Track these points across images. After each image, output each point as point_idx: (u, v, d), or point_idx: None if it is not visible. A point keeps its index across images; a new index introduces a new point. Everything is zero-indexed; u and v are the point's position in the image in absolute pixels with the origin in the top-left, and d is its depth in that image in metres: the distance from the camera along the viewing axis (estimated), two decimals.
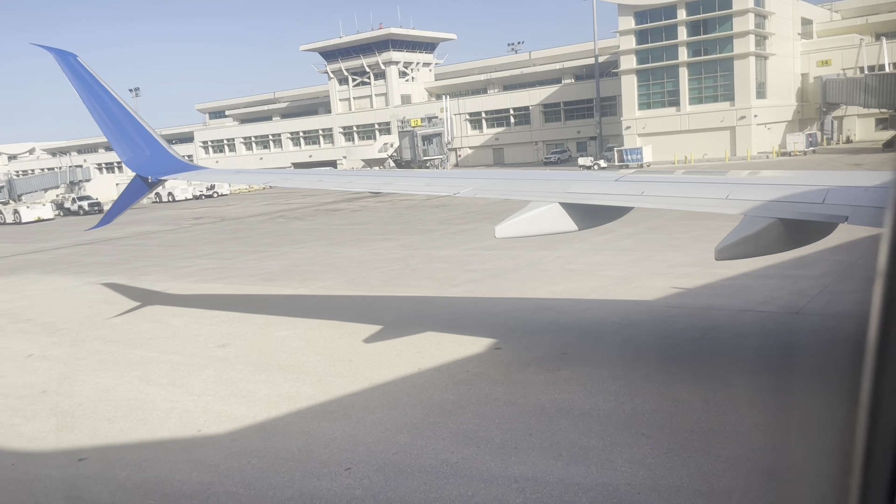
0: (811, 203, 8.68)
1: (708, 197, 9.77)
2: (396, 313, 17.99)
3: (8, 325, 20.84)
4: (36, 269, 33.29)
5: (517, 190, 11.97)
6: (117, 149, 15.37)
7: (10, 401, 13.55)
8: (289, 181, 18.86)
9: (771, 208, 8.88)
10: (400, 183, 15.41)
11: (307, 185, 16.65)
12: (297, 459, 9.77)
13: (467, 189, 11.79)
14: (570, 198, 10.27)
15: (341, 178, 18.04)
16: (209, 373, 14.25)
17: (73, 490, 9.49)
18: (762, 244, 9.05)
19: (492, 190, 12.33)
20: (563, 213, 10.04)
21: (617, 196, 10.40)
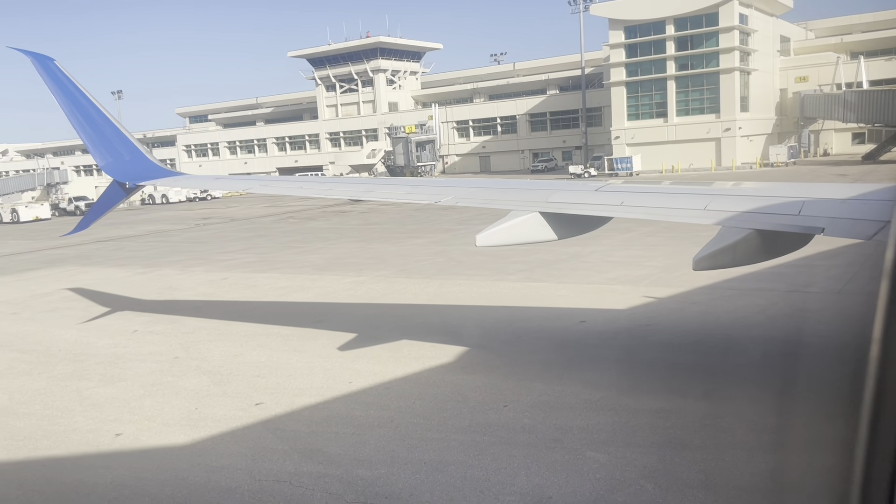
0: (787, 214, 8.73)
1: (686, 208, 9.83)
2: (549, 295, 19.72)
3: (90, 307, 22.09)
4: (72, 262, 34.20)
5: (498, 199, 11.82)
6: (95, 154, 15.06)
7: (149, 364, 14.99)
8: (269, 188, 18.43)
9: (748, 219, 8.95)
10: (381, 191, 15.12)
11: (287, 192, 16.52)
12: (456, 400, 11.50)
13: (448, 198, 11.77)
14: (550, 207, 10.31)
15: (322, 184, 17.83)
16: (323, 341, 15.84)
17: (271, 424, 11.09)
18: (740, 254, 9.20)
19: (473, 199, 12.15)
20: (543, 223, 10.07)
21: (597, 206, 10.45)
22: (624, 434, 9.82)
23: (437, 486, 8.63)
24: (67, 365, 15.45)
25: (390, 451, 9.81)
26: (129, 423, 11.62)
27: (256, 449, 10.24)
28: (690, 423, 10.08)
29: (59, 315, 21.26)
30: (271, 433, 10.84)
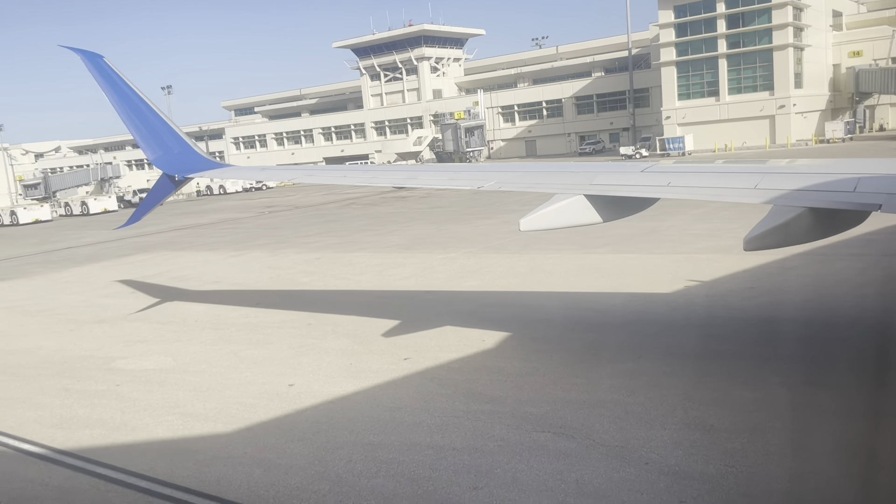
0: (842, 191, 8.47)
1: (735, 187, 9.56)
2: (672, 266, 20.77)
3: (203, 285, 23.72)
4: (161, 248, 36.08)
5: (542, 183, 11.66)
6: (145, 148, 15.33)
7: (286, 330, 16.40)
8: (313, 177, 18.34)
9: (800, 197, 8.70)
10: (423, 178, 15.03)
11: (332, 181, 16.56)
12: (589, 353, 12.61)
13: (491, 183, 11.66)
14: (594, 190, 10.13)
15: (365, 173, 17.98)
16: (439, 308, 17.07)
17: (427, 374, 12.34)
18: (792, 234, 8.99)
19: (516, 183, 11.98)
20: (587, 206, 9.89)
21: (643, 187, 10.17)
22: (765, 374, 10.83)
23: (603, 419, 9.74)
24: (210, 332, 16.95)
25: (547, 393, 10.96)
26: (296, 376, 12.97)
27: (423, 393, 11.50)
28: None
29: (179, 292, 22.90)
30: (430, 381, 12.09)
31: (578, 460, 8.59)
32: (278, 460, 9.45)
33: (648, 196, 10.10)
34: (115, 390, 13.16)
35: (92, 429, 11.26)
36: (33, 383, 14.13)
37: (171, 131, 15.25)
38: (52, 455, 10.38)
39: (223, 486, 8.84)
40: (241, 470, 9.25)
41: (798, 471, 8.00)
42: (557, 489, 7.92)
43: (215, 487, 8.82)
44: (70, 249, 39.52)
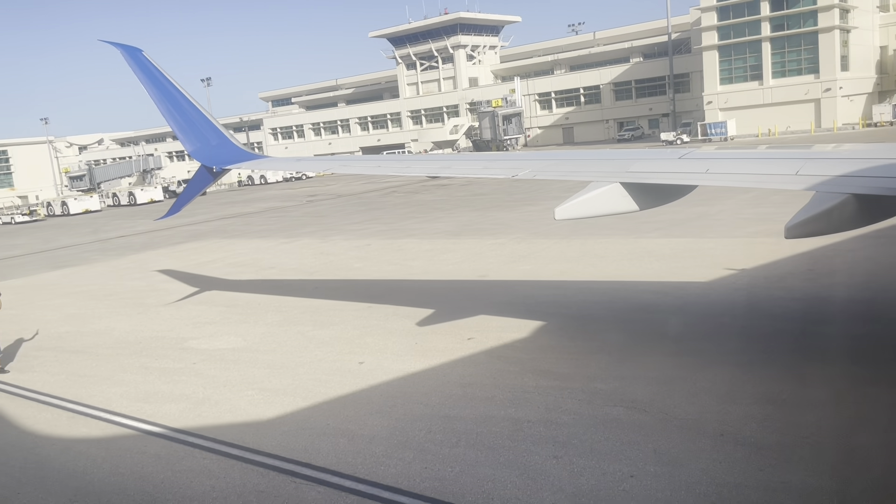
0: (888, 177, 8.17)
1: (776, 173, 9.27)
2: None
3: (260, 271, 24.41)
4: (212, 236, 37.00)
5: (577, 171, 11.54)
6: (183, 140, 15.43)
7: (348, 312, 16.90)
8: (348, 168, 18.81)
9: (844, 183, 8.41)
10: (457, 167, 15.02)
11: (366, 171, 17.09)
12: (656, 333, 12.83)
13: (526, 171, 11.42)
14: (631, 177, 9.91)
15: (399, 162, 18.11)
16: (495, 290, 17.41)
17: (493, 353, 12.72)
18: (835, 221, 8.83)
19: (551, 171, 11.86)
20: (623, 193, 9.72)
21: (681, 174, 9.98)
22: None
23: (673, 395, 9.99)
24: (275, 315, 17.54)
25: (614, 370, 11.24)
26: (364, 355, 13.44)
27: (491, 370, 11.86)
28: None
29: (238, 277, 23.61)
30: (496, 359, 12.45)
31: (653, 432, 8.87)
32: (360, 431, 9.91)
33: (686, 183, 9.92)
34: (193, 368, 13.79)
35: (177, 403, 11.87)
36: (113, 362, 14.84)
37: (209, 123, 15.37)
38: (142, 426, 11.00)
39: (311, 454, 9.32)
40: (326, 440, 9.73)
41: (874, 442, 8.18)
42: (635, 458, 8.22)
43: (303, 455, 9.30)
44: (124, 238, 40.74)
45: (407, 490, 8.10)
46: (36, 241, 45.26)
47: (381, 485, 8.29)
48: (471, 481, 8.11)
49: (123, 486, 8.98)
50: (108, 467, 9.65)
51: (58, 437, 10.96)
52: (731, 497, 7.20)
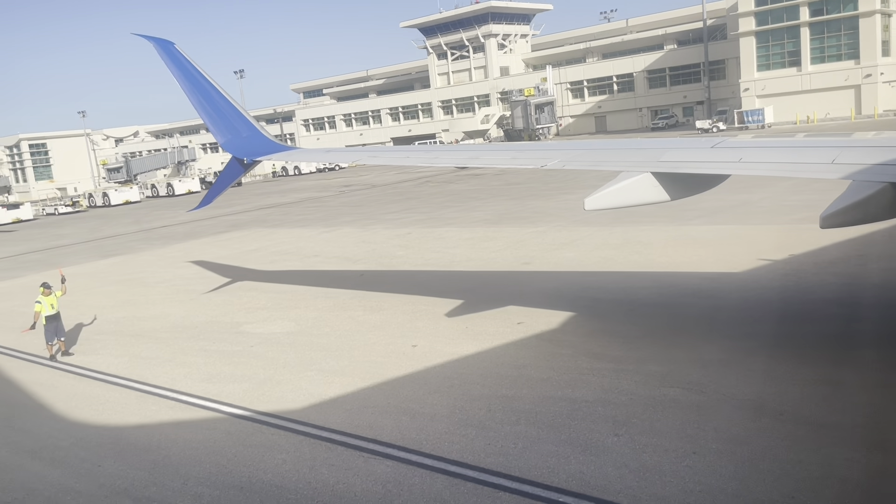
0: None
1: (812, 162, 9.11)
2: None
3: (305, 258, 24.88)
4: (252, 226, 37.65)
5: (607, 160, 11.40)
6: (214, 132, 15.60)
7: (396, 296, 17.24)
8: (377, 158, 18.76)
9: (881, 172, 8.19)
10: (486, 157, 14.96)
11: (395, 162, 16.80)
12: (707, 318, 12.93)
13: (555, 161, 11.31)
14: (662, 167, 9.79)
15: (428, 153, 17.98)
16: (538, 275, 17.58)
17: (543, 336, 12.95)
18: (872, 210, 8.73)
19: (581, 161, 11.76)
20: (654, 183, 9.63)
21: (713, 164, 9.86)
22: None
23: (728, 377, 10.13)
24: (324, 300, 17.94)
25: (666, 353, 11.39)
26: (416, 338, 13.75)
27: (545, 353, 12.09)
28: None
29: (283, 265, 24.12)
30: (548, 343, 12.68)
31: (712, 411, 9.04)
32: (421, 409, 10.23)
33: (719, 172, 9.84)
34: (251, 350, 14.25)
35: (240, 383, 12.31)
36: (172, 345, 15.37)
37: (240, 115, 15.50)
38: (208, 405, 11.45)
39: (376, 430, 9.67)
40: (389, 417, 10.06)
41: None
42: (697, 435, 8.41)
43: (369, 431, 9.65)
44: (167, 228, 41.62)
45: (473, 464, 8.38)
46: (82, 231, 46.46)
47: (447, 459, 8.59)
48: (534, 457, 8.37)
49: (198, 459, 9.41)
50: (181, 442, 10.10)
51: (129, 415, 11.46)
52: (794, 473, 7.36)
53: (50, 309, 14.94)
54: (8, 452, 10.48)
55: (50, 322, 14.97)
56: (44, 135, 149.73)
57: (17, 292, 24.62)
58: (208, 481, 8.76)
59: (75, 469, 9.60)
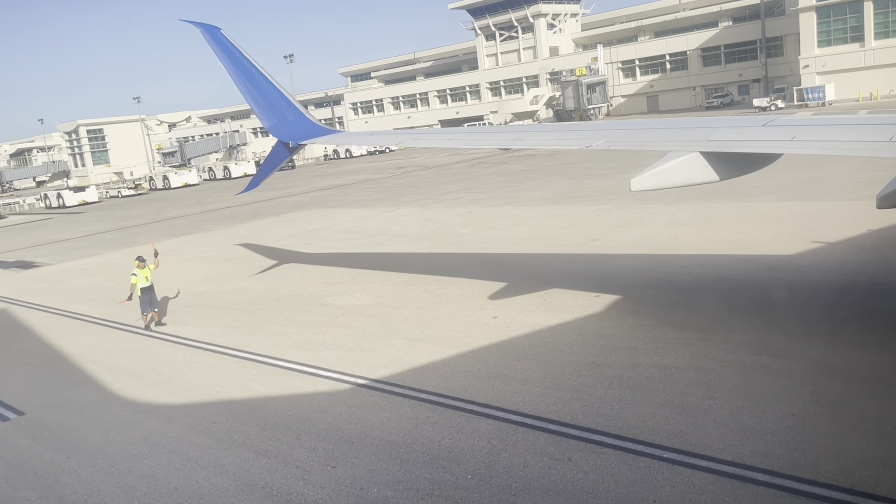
0: None
1: (867, 140, 8.83)
2: None
3: (370, 237, 25.48)
4: (313, 206, 38.48)
5: (654, 140, 11.17)
6: (260, 116, 15.81)
7: (470, 270, 17.64)
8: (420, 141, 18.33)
9: None
10: (530, 138, 14.84)
11: (438, 144, 16.63)
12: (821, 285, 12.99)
13: (600, 141, 11.18)
14: (712, 146, 9.63)
15: (471, 135, 17.80)
16: (637, 231, 17.78)
17: (621, 306, 13.20)
18: None
19: (626, 141, 11.67)
20: (703, 163, 9.47)
21: (765, 143, 9.63)
22: None
23: (818, 346, 10.27)
24: (398, 275, 18.46)
25: (751, 323, 11.54)
26: (496, 310, 14.14)
27: (626, 324, 12.36)
28: None
29: (350, 243, 24.75)
30: (629, 314, 12.93)
31: (806, 377, 9.22)
32: (512, 375, 10.63)
33: (771, 151, 9.69)
34: (336, 321, 14.83)
35: (331, 350, 12.89)
36: (258, 316, 16.07)
37: (286, 100, 15.60)
38: (305, 369, 12.04)
39: (471, 392, 10.10)
40: (483, 382, 10.49)
41: None
42: (793, 399, 8.61)
43: (465, 394, 10.09)
44: (230, 209, 42.80)
45: (572, 423, 8.75)
46: (148, 212, 48.10)
47: (546, 419, 8.97)
48: (632, 417, 8.69)
49: (306, 418, 9.99)
50: (286, 402, 10.71)
51: (232, 378, 12.14)
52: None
53: (144, 281, 15.77)
54: (125, 411, 11.25)
55: (145, 294, 15.81)
56: (101, 120, 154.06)
57: (100, 269, 25.86)
58: (319, 436, 9.32)
59: (191, 426, 10.28)
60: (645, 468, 7.50)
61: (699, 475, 7.22)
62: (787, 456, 7.33)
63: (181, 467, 8.93)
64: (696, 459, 7.52)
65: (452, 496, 7.44)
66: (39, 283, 24.42)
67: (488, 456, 8.21)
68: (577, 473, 7.57)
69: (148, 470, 8.97)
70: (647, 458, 7.71)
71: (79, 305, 19.60)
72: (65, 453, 9.84)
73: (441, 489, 7.60)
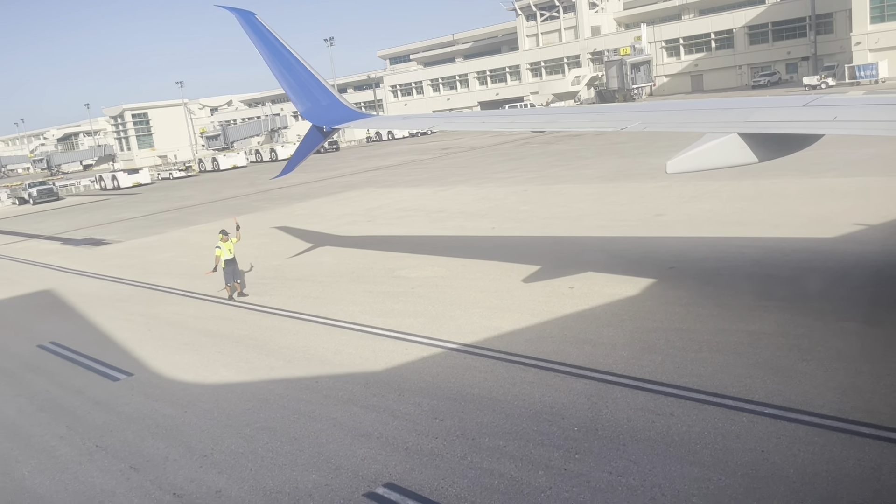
0: None
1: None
2: None
3: (429, 214, 25.93)
4: (365, 186, 39.05)
5: (691, 122, 11.07)
6: (295, 100, 15.96)
7: (537, 247, 17.99)
8: (453, 124, 18.59)
9: None
10: (563, 120, 14.71)
11: (471, 128, 16.51)
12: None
13: (635, 123, 11.06)
14: (750, 127, 9.51)
15: (504, 118, 18.07)
16: (703, 206, 17.95)
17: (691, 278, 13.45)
18: None
19: (662, 123, 11.54)
20: (741, 144, 9.32)
21: (805, 123, 9.53)
22: None
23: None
24: (466, 249, 18.88)
25: (836, 293, 11.73)
26: (571, 282, 14.46)
27: (706, 292, 12.63)
28: None
29: (410, 220, 25.26)
30: (707, 284, 13.18)
31: (895, 341, 9.43)
32: (600, 340, 11.00)
33: (811, 132, 9.58)
34: (413, 291, 15.35)
35: (415, 318, 13.41)
36: (337, 287, 16.67)
37: (319, 84, 15.69)
38: (392, 334, 12.57)
39: (562, 356, 10.51)
40: (571, 346, 10.89)
41: None
42: (888, 361, 8.84)
43: (555, 356, 10.51)
44: (282, 189, 43.62)
45: (668, 383, 9.11)
46: (203, 192, 49.30)
47: (641, 379, 9.34)
48: (727, 378, 9.01)
49: (405, 377, 10.51)
50: (381, 363, 11.24)
51: (325, 342, 12.73)
52: None
53: (228, 253, 16.48)
54: (228, 371, 11.92)
55: (228, 265, 16.52)
56: (145, 105, 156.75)
57: (170, 245, 26.83)
58: (422, 393, 9.84)
59: (296, 384, 10.89)
60: (748, 422, 7.84)
61: (804, 428, 7.54)
62: (889, 413, 7.60)
63: (295, 420, 9.53)
64: (798, 415, 7.83)
65: (563, 446, 7.88)
66: (115, 259, 25.45)
67: (591, 411, 8.63)
68: (681, 427, 7.95)
69: (265, 422, 9.60)
70: (748, 413, 8.04)
71: (158, 278, 20.48)
72: (181, 408, 10.54)
73: (550, 440, 8.05)
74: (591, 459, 7.53)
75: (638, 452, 7.52)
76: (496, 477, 7.44)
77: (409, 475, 7.72)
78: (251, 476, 8.18)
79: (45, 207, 56.07)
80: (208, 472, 8.41)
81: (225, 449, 8.97)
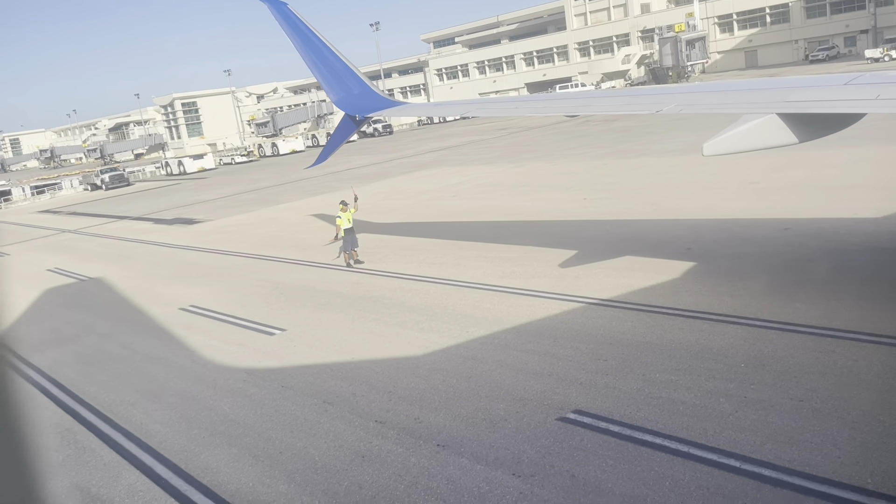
0: None
1: None
2: None
3: (508, 189, 26.55)
4: (436, 165, 39.77)
5: (728, 103, 11.05)
6: (327, 90, 16.00)
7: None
8: (485, 110, 19.13)
9: None
10: (597, 104, 14.70)
11: (503, 114, 16.42)
12: None
13: (671, 105, 10.97)
14: (790, 107, 9.37)
15: (537, 103, 17.85)
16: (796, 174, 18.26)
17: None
18: None
19: (699, 104, 11.48)
20: (780, 125, 9.18)
21: (847, 102, 9.41)
22: None
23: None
24: (568, 217, 19.50)
25: (890, 269, 12.05)
26: (687, 243, 15.01)
27: (813, 252, 13.05)
28: None
29: (495, 194, 25.94)
30: (798, 246, 13.59)
31: None
32: (735, 292, 11.57)
33: (853, 111, 9.43)
34: (527, 255, 16.04)
35: (539, 278, 14.11)
36: (450, 254, 17.44)
37: (352, 73, 15.72)
38: (522, 292, 13.29)
39: (703, 306, 11.12)
40: (712, 298, 11.48)
41: None
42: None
43: (697, 307, 11.12)
44: (351, 170, 44.67)
45: (819, 325, 9.64)
46: (272, 175, 50.71)
47: (791, 323, 9.89)
48: (886, 321, 9.51)
49: (553, 326, 11.24)
50: (524, 316, 11.97)
51: (460, 300, 13.51)
52: None
53: (347, 223, 17.41)
54: (376, 325, 12.80)
55: (348, 234, 17.45)
56: (194, 94, 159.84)
57: (264, 222, 28.01)
58: (576, 339, 10.54)
59: (447, 334, 11.70)
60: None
61: None
62: None
63: (462, 362, 10.33)
64: None
65: (736, 378, 8.51)
66: (214, 235, 26.70)
67: (751, 350, 9.24)
68: (846, 361, 8.51)
69: (433, 364, 10.43)
70: None
71: (267, 250, 21.56)
72: (347, 354, 11.45)
73: (721, 374, 8.69)
74: (768, 389, 8.15)
75: (812, 382, 8.12)
76: (679, 404, 8.11)
77: (593, 404, 8.45)
78: (443, 406, 9.01)
79: (118, 193, 58.30)
80: (399, 404, 9.26)
81: (406, 386, 9.82)
